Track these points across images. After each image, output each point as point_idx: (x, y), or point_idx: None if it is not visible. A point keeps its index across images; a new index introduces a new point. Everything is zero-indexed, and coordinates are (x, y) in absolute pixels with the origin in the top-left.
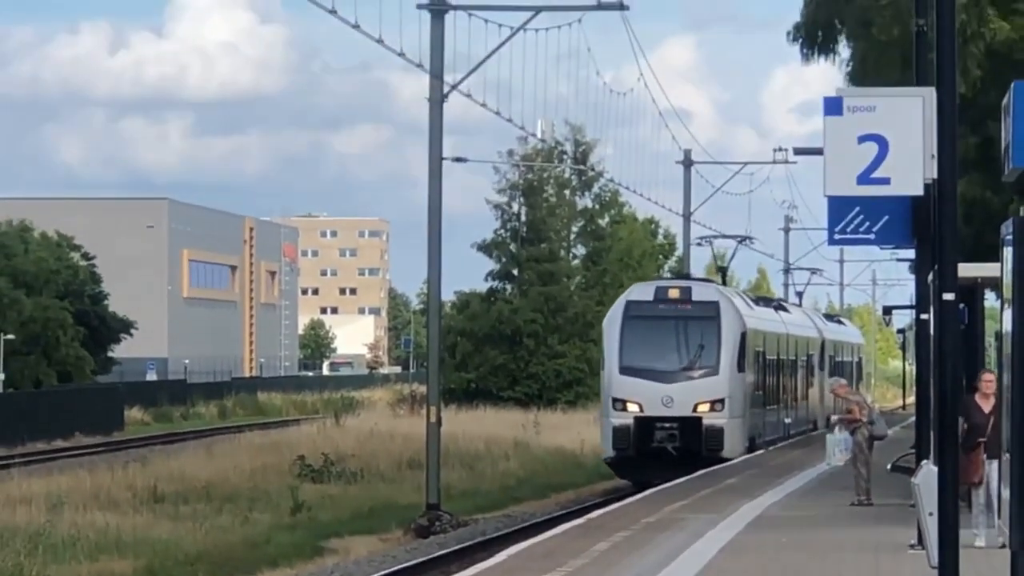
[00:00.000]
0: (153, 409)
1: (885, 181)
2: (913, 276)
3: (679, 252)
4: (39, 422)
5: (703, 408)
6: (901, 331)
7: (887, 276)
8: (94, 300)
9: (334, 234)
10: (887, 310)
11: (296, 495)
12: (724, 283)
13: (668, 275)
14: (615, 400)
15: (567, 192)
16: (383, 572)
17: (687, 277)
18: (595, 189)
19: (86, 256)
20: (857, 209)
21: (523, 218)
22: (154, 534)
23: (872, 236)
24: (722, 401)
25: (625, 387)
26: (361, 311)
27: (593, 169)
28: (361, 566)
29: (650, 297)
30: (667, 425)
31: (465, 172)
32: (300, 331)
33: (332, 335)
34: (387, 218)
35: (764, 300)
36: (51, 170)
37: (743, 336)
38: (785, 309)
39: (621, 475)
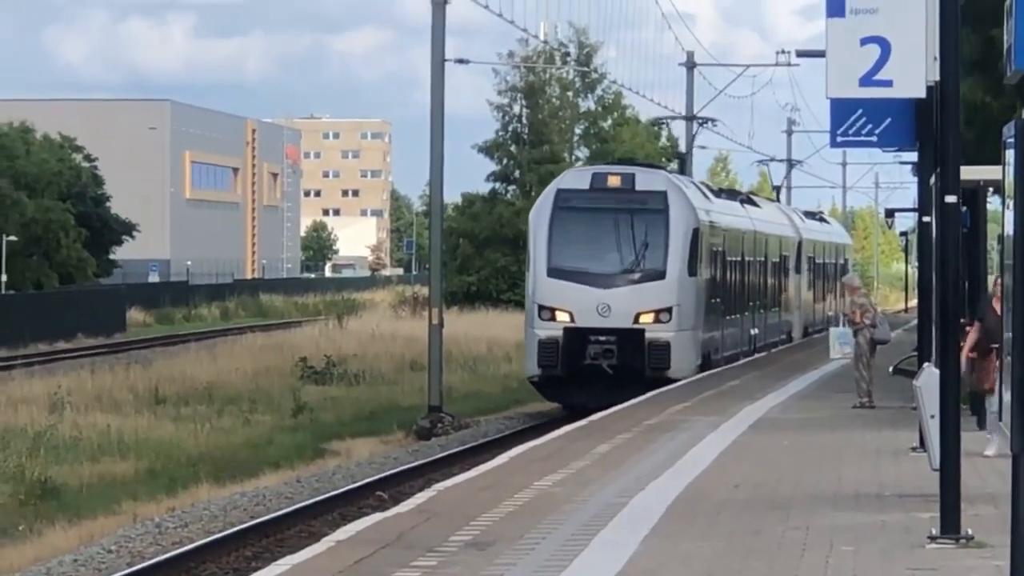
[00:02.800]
0: (155, 311)
1: (887, 83)
2: (916, 179)
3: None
4: (41, 323)
5: (646, 319)
6: (904, 234)
7: (890, 179)
8: (96, 202)
9: (336, 136)
10: (889, 213)
11: (298, 396)
12: (682, 171)
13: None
14: (541, 308)
15: (570, 94)
16: (385, 473)
17: (631, 162)
18: (598, 91)
19: (88, 158)
20: (860, 111)
21: (524, 120)
22: (156, 435)
23: (874, 138)
24: (669, 310)
25: (553, 292)
26: (363, 213)
27: (596, 71)
28: (363, 467)
29: (585, 185)
30: (603, 339)
31: (467, 74)
32: (302, 233)
33: (334, 237)
34: (389, 120)
35: (728, 192)
36: (53, 71)
37: (695, 233)
38: (754, 203)
39: (548, 396)
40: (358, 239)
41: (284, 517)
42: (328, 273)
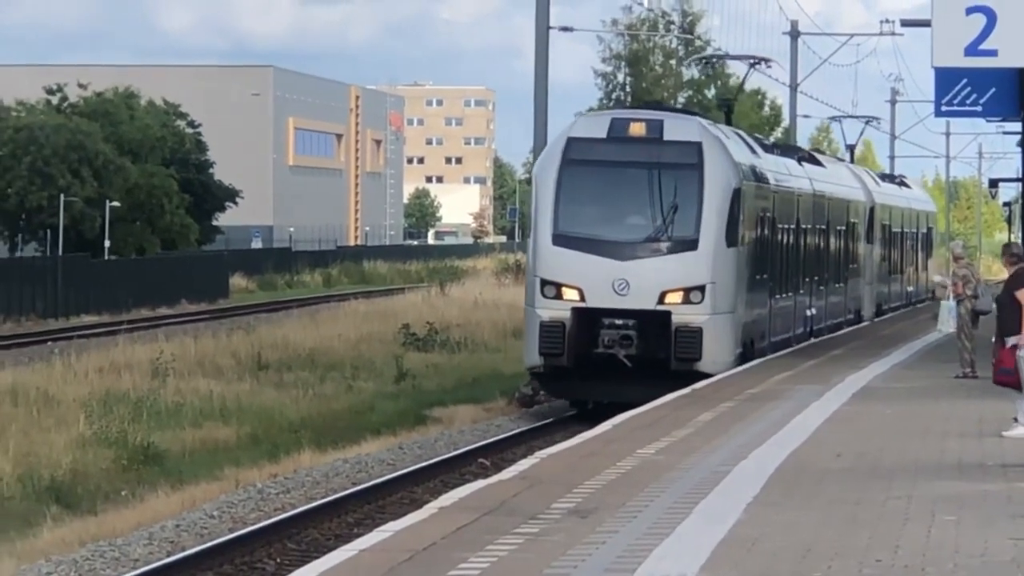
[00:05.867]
0: (258, 277)
1: (992, 53)
2: (1020, 149)
3: (785, 123)
4: (144, 289)
5: (673, 298)
6: (1007, 204)
7: (993, 149)
8: (199, 168)
9: (440, 103)
10: (993, 183)
11: (400, 363)
12: (728, 121)
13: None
14: (544, 283)
15: (673, 63)
16: (487, 441)
17: (659, 106)
18: None
19: (192, 124)
20: (964, 81)
21: (628, 88)
22: (258, 401)
23: (979, 108)
24: (701, 289)
25: (559, 264)
26: (466, 180)
27: (700, 39)
28: (465, 435)
29: (602, 134)
30: (620, 322)
31: (570, 42)
32: (405, 200)
33: (437, 204)
34: (493, 87)
35: (784, 148)
36: (156, 37)
37: (737, 193)
38: (816, 161)
39: (552, 392)
40: (461, 206)
41: (386, 484)
42: (431, 240)
